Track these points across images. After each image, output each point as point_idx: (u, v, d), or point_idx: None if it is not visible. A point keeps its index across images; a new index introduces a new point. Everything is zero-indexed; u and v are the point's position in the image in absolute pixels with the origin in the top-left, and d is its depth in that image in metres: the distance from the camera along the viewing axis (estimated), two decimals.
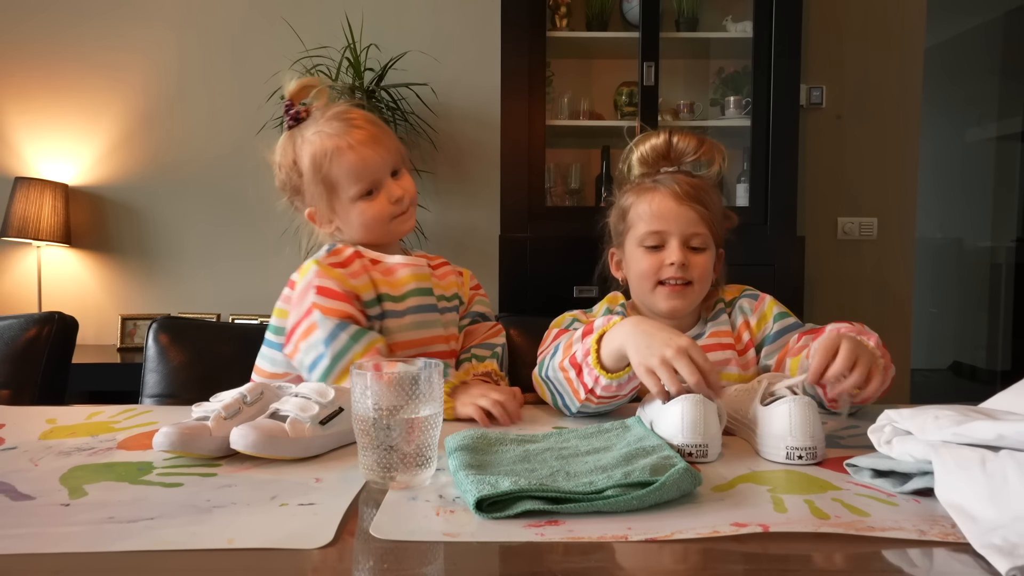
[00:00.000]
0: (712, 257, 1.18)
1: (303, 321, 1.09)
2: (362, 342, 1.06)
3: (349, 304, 1.10)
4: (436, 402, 0.73)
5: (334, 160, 1.14)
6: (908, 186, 2.96)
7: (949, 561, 0.56)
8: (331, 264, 1.14)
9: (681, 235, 1.15)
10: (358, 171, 1.14)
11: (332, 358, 1.04)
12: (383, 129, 1.19)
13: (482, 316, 1.33)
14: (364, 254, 1.19)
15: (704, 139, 1.18)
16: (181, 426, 0.79)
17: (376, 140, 1.16)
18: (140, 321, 2.81)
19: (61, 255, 2.89)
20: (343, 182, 1.15)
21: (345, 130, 1.15)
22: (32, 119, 2.89)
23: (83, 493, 0.68)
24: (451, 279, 1.30)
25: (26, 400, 1.31)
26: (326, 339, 1.05)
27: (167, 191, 2.91)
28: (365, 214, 1.17)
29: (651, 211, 1.16)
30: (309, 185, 1.18)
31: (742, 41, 2.63)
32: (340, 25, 2.75)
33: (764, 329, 1.21)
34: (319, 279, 1.10)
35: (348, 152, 1.14)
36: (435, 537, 0.58)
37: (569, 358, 0.99)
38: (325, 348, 1.05)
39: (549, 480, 0.67)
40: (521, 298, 2.46)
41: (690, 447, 0.79)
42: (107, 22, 2.87)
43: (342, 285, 1.11)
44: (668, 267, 1.14)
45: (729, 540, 0.58)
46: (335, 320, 1.06)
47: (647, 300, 1.20)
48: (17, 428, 0.93)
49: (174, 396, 1.35)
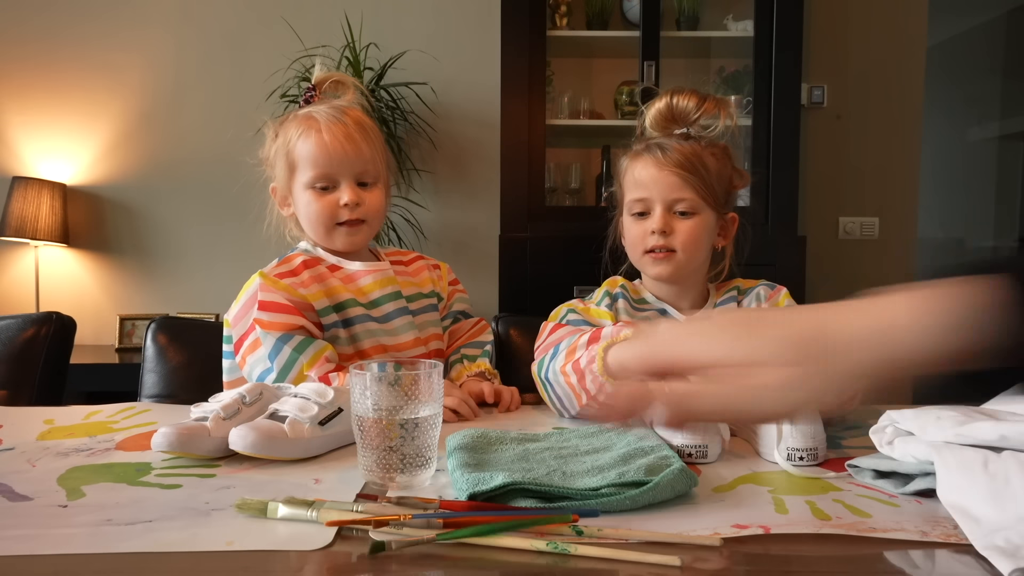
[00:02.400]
0: (705, 223, 1.13)
1: (248, 336, 1.09)
2: (307, 353, 1.06)
3: (295, 315, 1.09)
4: (436, 402, 0.73)
5: (302, 138, 1.14)
6: (909, 186, 2.96)
7: (951, 562, 0.55)
8: (278, 275, 1.13)
9: (664, 201, 1.12)
10: (316, 157, 1.13)
11: (279, 372, 1.05)
12: (367, 135, 1.16)
13: (463, 314, 1.32)
14: (322, 259, 1.18)
15: (707, 95, 1.14)
16: (180, 426, 0.79)
17: (351, 138, 1.13)
18: (138, 321, 2.81)
19: (59, 255, 2.89)
20: (302, 163, 1.15)
21: (328, 118, 1.14)
22: (30, 118, 2.88)
23: (81, 494, 0.68)
24: (425, 275, 1.28)
25: (24, 400, 1.31)
26: (270, 353, 1.06)
27: (165, 191, 2.91)
28: (310, 206, 1.15)
29: (635, 179, 1.14)
30: (276, 157, 1.18)
31: (743, 40, 2.63)
32: (339, 24, 2.75)
33: None
34: (262, 292, 1.10)
35: (316, 135, 1.13)
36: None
37: (572, 363, 0.98)
38: (271, 362, 1.06)
39: (545, 479, 0.67)
40: (521, 298, 2.46)
41: (690, 447, 0.79)
42: (106, 22, 2.87)
43: (288, 296, 1.10)
44: (651, 235, 1.12)
45: (730, 541, 0.57)
46: (277, 334, 1.06)
47: (639, 268, 1.19)
48: (15, 429, 0.93)
49: (172, 396, 1.34)
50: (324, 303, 1.13)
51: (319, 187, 1.14)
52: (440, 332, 1.25)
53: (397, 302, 1.19)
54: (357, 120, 1.16)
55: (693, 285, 1.19)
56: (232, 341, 1.14)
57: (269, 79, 2.73)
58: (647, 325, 0.92)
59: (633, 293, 1.21)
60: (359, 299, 1.15)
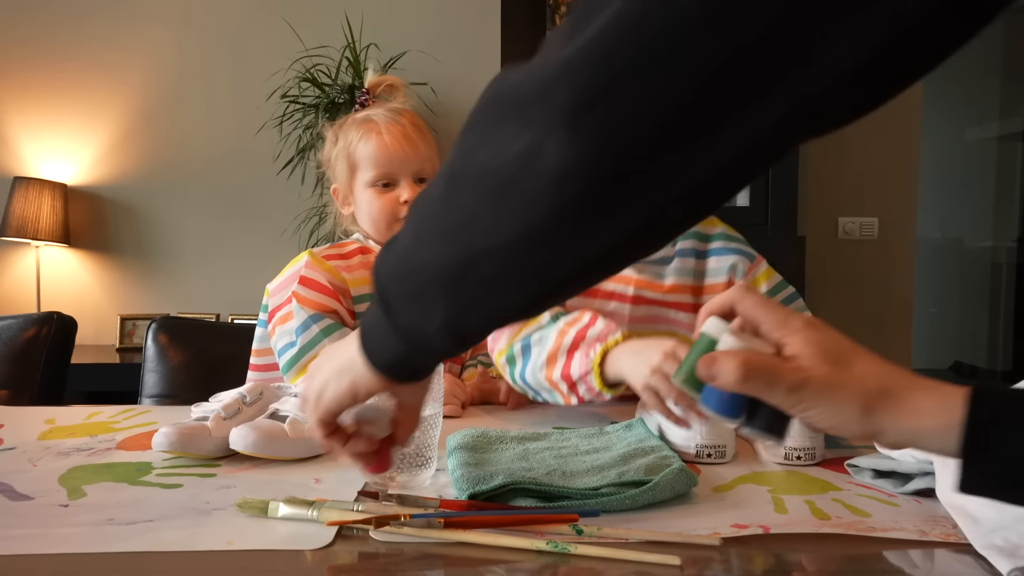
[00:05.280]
0: None
1: (283, 307, 1.12)
2: (333, 337, 1.08)
3: (332, 298, 1.12)
4: (436, 402, 0.73)
5: (363, 140, 1.20)
6: (909, 186, 2.96)
7: (950, 562, 0.56)
8: (327, 256, 1.18)
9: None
10: (378, 157, 1.18)
11: (300, 348, 1.07)
12: (423, 134, 1.23)
13: None
14: (374, 250, 1.22)
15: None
16: (180, 426, 0.79)
17: (408, 139, 1.19)
18: (139, 321, 2.81)
19: (60, 255, 2.89)
20: (363, 164, 1.20)
21: (386, 120, 1.20)
22: (31, 119, 2.88)
23: (82, 494, 0.68)
24: None
25: (25, 400, 1.31)
26: (298, 328, 1.08)
27: (166, 191, 2.91)
28: (372, 204, 1.19)
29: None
30: (337, 160, 1.23)
31: None
32: (340, 24, 2.75)
33: None
34: (305, 269, 1.14)
35: (376, 137, 1.19)
36: (434, 538, 0.58)
37: (561, 371, 0.92)
38: (296, 337, 1.08)
39: (545, 479, 0.67)
40: None
41: (709, 448, 0.79)
42: (107, 22, 2.87)
43: (330, 278, 1.14)
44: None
45: (730, 541, 0.58)
46: (310, 311, 1.09)
47: None
48: (16, 428, 0.93)
49: (173, 396, 1.35)
50: (364, 290, 1.17)
51: (381, 185, 1.19)
52: None
53: None
54: (413, 121, 1.23)
55: None
56: (268, 310, 1.17)
57: (270, 79, 2.73)
58: (628, 335, 0.90)
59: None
60: None
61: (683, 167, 0.38)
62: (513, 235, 0.42)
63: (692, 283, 1.13)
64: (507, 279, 0.44)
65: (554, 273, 0.43)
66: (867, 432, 0.47)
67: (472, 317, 0.46)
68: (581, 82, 0.38)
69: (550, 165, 0.39)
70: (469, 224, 0.43)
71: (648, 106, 0.37)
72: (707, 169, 0.39)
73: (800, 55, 0.36)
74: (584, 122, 0.38)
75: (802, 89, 0.36)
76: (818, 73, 0.36)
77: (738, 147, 0.38)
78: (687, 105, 0.37)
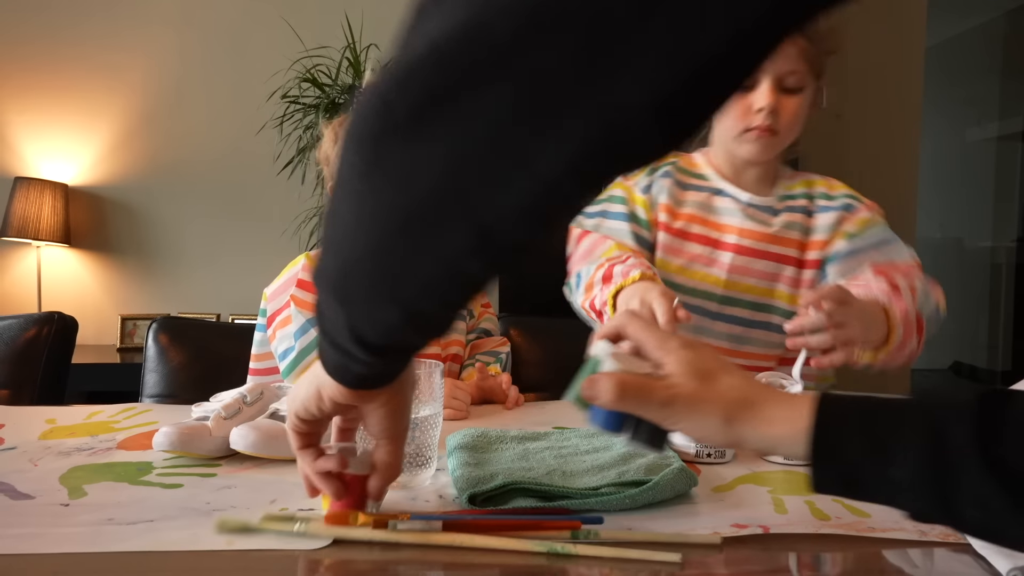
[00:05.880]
0: (807, 100, 1.05)
1: (281, 311, 1.13)
2: None
3: None
4: (436, 402, 0.73)
5: None
6: (908, 186, 2.96)
7: (950, 561, 0.56)
8: None
9: (775, 74, 1.01)
10: None
11: (299, 352, 1.08)
12: None
13: (487, 332, 1.37)
14: None
15: None
16: (181, 426, 0.79)
17: None
18: (140, 321, 2.81)
19: (61, 255, 2.89)
20: None
21: None
22: (32, 119, 2.88)
23: (83, 493, 0.68)
24: None
25: (26, 400, 1.31)
26: (296, 332, 1.09)
27: (167, 191, 2.91)
28: None
29: None
30: (335, 157, 1.22)
31: None
32: (340, 25, 2.75)
33: (837, 245, 1.09)
34: (303, 272, 1.14)
35: None
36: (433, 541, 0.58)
37: (590, 302, 1.02)
38: (294, 341, 1.09)
39: (545, 479, 0.67)
40: (521, 298, 2.46)
41: (709, 448, 0.79)
42: (107, 22, 2.87)
43: None
44: (756, 113, 1.02)
45: (730, 541, 0.58)
46: (308, 315, 1.10)
47: (730, 145, 1.10)
48: (17, 428, 0.93)
49: (174, 396, 1.35)
50: None
51: None
52: (462, 340, 1.30)
53: None
54: None
55: (772, 161, 1.12)
56: (267, 315, 1.17)
57: (270, 79, 2.73)
58: (649, 276, 0.95)
59: (688, 167, 1.14)
60: None
61: (509, 187, 0.38)
62: (365, 249, 0.43)
63: (798, 237, 1.11)
64: (371, 290, 0.45)
65: (405, 286, 0.44)
66: (730, 441, 0.52)
67: (359, 320, 0.47)
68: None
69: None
70: (342, 235, 0.45)
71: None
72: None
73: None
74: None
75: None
76: None
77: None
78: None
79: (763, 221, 1.11)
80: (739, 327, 1.11)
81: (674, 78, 0.33)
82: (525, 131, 0.36)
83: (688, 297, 1.10)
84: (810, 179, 1.17)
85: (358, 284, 0.46)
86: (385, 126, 0.39)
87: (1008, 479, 0.44)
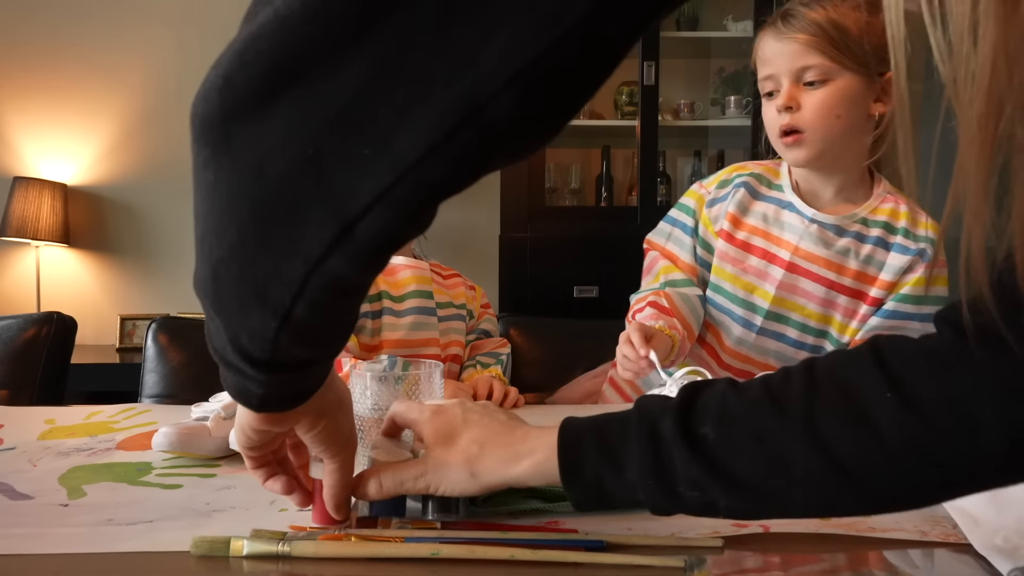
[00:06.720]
0: (842, 90, 0.99)
1: None
2: None
3: None
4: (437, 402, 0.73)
5: None
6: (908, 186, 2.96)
7: (951, 562, 0.55)
8: None
9: (790, 72, 1.00)
10: None
11: None
12: None
13: (486, 333, 1.38)
14: None
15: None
16: (180, 426, 0.79)
17: None
18: (139, 321, 2.81)
19: (60, 255, 2.89)
20: None
21: None
22: (31, 119, 2.88)
23: (82, 494, 0.68)
24: (461, 290, 1.34)
25: (25, 400, 1.31)
26: None
27: (166, 191, 2.91)
28: None
29: (760, 57, 1.04)
30: None
31: (743, 40, 2.63)
32: None
33: (888, 301, 1.05)
34: None
35: None
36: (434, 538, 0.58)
37: None
38: None
39: None
40: (521, 298, 2.46)
41: None
42: (106, 22, 2.87)
43: None
44: (781, 114, 1.01)
45: (730, 541, 0.57)
46: None
47: (783, 156, 1.08)
48: (16, 428, 0.93)
49: (173, 396, 1.35)
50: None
51: None
52: (462, 341, 1.30)
53: (426, 302, 1.23)
54: None
55: (841, 169, 1.06)
56: None
57: None
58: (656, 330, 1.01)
59: (769, 176, 1.12)
60: (392, 292, 1.21)
61: (367, 170, 0.35)
62: (227, 247, 0.40)
63: (857, 267, 1.06)
64: (240, 295, 0.41)
65: (269, 287, 0.40)
66: (482, 488, 0.56)
67: (238, 330, 0.43)
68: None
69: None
70: (202, 234, 0.42)
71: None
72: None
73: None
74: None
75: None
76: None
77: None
78: None
79: (823, 241, 1.06)
80: (790, 348, 1.09)
81: (534, 47, 0.31)
82: (381, 105, 0.33)
83: (736, 307, 1.10)
84: (897, 207, 1.09)
85: (227, 288, 0.41)
86: (228, 106, 0.36)
87: (711, 453, 0.48)
